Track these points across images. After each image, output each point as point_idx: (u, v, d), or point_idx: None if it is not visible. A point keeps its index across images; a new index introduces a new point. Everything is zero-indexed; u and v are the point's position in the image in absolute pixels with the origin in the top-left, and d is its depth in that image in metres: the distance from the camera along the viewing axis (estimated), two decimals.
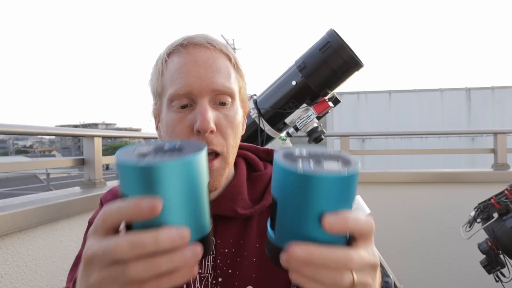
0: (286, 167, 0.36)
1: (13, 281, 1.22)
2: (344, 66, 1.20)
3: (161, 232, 0.35)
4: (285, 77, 1.29)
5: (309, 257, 0.37)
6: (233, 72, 0.73)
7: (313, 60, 1.22)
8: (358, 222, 0.39)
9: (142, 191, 0.35)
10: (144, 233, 0.35)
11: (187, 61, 0.69)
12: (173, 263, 0.35)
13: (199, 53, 0.70)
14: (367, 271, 0.42)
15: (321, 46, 1.20)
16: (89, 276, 0.39)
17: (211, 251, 0.39)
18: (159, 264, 0.35)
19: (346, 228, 0.38)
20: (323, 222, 0.36)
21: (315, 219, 0.37)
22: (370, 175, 2.46)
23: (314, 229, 0.37)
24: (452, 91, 10.33)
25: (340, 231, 0.37)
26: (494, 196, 1.73)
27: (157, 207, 0.34)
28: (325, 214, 0.36)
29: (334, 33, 1.19)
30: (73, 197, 1.49)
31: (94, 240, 0.39)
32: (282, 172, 0.37)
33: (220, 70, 0.69)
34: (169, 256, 0.35)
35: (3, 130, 1.28)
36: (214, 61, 0.70)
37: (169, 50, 0.72)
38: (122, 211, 0.36)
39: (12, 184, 11.07)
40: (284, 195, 0.38)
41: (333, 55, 1.19)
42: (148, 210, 0.34)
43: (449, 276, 2.34)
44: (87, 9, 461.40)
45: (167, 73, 0.71)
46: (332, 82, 1.24)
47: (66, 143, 63.76)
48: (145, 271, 0.35)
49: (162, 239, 0.34)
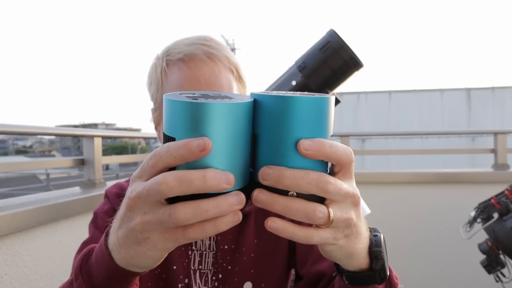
0: (264, 94, 0.37)
1: (13, 281, 1.22)
2: (344, 66, 1.20)
3: (208, 170, 0.34)
4: (285, 77, 1.29)
5: (280, 177, 0.35)
6: (235, 85, 0.74)
7: (313, 60, 1.22)
8: (335, 148, 0.37)
9: (191, 131, 0.34)
10: (191, 171, 0.34)
11: (189, 79, 0.69)
12: (219, 207, 0.34)
13: (201, 69, 0.69)
14: (348, 205, 0.39)
15: (321, 46, 1.20)
16: (132, 220, 0.37)
17: (247, 205, 0.38)
18: (206, 207, 0.34)
19: (323, 153, 0.36)
20: (298, 146, 0.35)
21: (292, 147, 0.36)
22: (370, 175, 2.46)
23: (292, 158, 0.36)
24: (452, 91, 10.34)
25: (316, 156, 0.36)
26: (494, 196, 1.74)
27: (208, 146, 0.33)
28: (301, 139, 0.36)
29: (334, 33, 1.19)
30: (73, 197, 1.49)
31: (139, 182, 0.37)
32: (262, 101, 0.37)
33: (223, 87, 0.70)
34: (215, 200, 0.34)
35: (3, 130, 1.28)
36: (216, 79, 0.70)
37: (168, 60, 0.72)
38: (172, 151, 0.34)
39: (12, 184, 11.08)
40: (263, 125, 0.37)
41: (333, 55, 1.19)
42: (199, 149, 0.33)
43: (449, 276, 2.34)
44: (87, 9, 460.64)
45: (167, 86, 0.71)
46: (332, 82, 1.24)
47: (66, 143, 63.80)
48: (192, 215, 0.34)
49: (209, 177, 0.33)
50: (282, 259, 0.74)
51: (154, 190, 0.35)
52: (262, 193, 0.36)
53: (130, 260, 0.40)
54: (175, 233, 0.36)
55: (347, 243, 0.41)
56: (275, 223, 0.37)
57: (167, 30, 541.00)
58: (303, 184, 0.35)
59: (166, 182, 0.34)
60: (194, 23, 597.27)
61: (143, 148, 30.47)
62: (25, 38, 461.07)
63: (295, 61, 1.28)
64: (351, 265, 0.46)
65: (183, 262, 0.71)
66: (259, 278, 0.72)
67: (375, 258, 0.46)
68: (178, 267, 0.70)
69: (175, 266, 0.70)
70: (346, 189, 0.38)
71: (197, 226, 0.35)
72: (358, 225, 0.41)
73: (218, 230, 0.35)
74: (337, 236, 0.39)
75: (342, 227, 0.39)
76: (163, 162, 0.35)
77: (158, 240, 0.37)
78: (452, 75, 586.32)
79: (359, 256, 0.44)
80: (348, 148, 0.38)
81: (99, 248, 0.45)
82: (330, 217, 0.37)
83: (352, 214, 0.39)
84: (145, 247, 0.38)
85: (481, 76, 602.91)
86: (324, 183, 0.36)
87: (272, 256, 0.73)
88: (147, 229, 0.37)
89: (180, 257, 0.71)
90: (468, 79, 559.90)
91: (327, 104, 0.37)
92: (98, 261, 0.45)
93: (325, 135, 0.37)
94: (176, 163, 0.35)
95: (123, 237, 0.39)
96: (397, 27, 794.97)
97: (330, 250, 0.42)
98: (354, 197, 0.39)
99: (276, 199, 0.36)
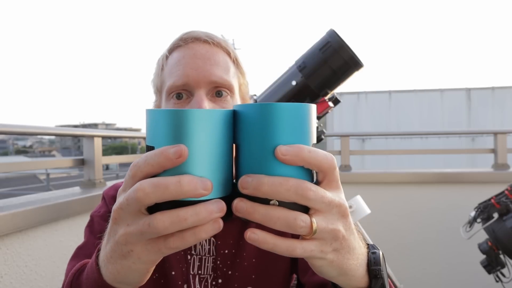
0: (244, 104, 0.37)
1: (13, 281, 1.22)
2: (344, 66, 1.20)
3: (183, 176, 0.34)
4: (285, 77, 1.29)
5: (258, 184, 0.34)
6: (233, 67, 0.73)
7: (313, 60, 1.22)
8: (315, 153, 0.36)
9: (169, 139, 0.35)
10: (167, 177, 0.34)
11: (186, 54, 0.69)
12: (197, 215, 0.34)
13: (198, 46, 0.70)
14: (334, 215, 0.37)
15: (321, 46, 1.20)
16: (116, 232, 0.38)
17: (232, 216, 0.37)
18: (184, 215, 0.34)
19: (301, 158, 0.35)
20: (276, 152, 0.35)
21: (272, 155, 0.35)
22: (370, 175, 2.46)
23: (272, 166, 0.35)
24: (452, 91, 10.34)
25: (294, 161, 0.35)
26: (494, 196, 1.74)
27: (184, 152, 0.33)
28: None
29: (334, 33, 1.19)
30: (73, 197, 1.49)
31: (122, 194, 0.37)
32: (242, 111, 0.37)
33: (219, 63, 0.69)
34: (194, 208, 0.34)
35: (3, 130, 1.28)
36: (212, 54, 0.70)
37: (170, 46, 0.73)
38: (149, 160, 0.35)
39: (12, 184, 11.08)
40: (243, 134, 0.37)
41: (333, 55, 1.19)
42: (176, 156, 0.33)
43: (449, 276, 2.34)
44: (87, 8, 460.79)
45: (167, 68, 0.72)
46: (332, 82, 1.23)
47: (66, 143, 63.78)
48: (170, 223, 0.34)
49: (184, 182, 0.33)
50: (284, 264, 0.72)
51: (132, 198, 0.35)
52: (242, 202, 0.36)
53: (117, 275, 0.40)
54: (157, 244, 0.36)
55: (338, 258, 0.39)
56: (254, 234, 0.36)
57: (167, 30, 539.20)
58: (282, 191, 0.34)
59: (142, 188, 0.34)
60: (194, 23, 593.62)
61: (143, 148, 30.45)
62: (25, 38, 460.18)
63: (295, 61, 1.28)
64: (348, 284, 0.43)
65: (181, 267, 0.69)
66: (260, 283, 0.70)
67: (374, 277, 0.44)
68: (177, 273, 0.69)
69: (174, 272, 0.69)
70: (330, 198, 0.37)
71: (177, 235, 0.35)
72: (348, 239, 0.39)
73: (198, 239, 0.35)
74: (324, 249, 0.38)
75: (328, 239, 0.37)
76: (142, 172, 0.35)
77: (141, 252, 0.37)
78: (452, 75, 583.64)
79: (355, 274, 0.42)
80: (330, 155, 0.37)
81: (90, 265, 0.45)
82: (313, 226, 0.36)
83: (339, 226, 0.38)
84: (130, 261, 0.38)
85: (481, 76, 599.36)
86: (303, 189, 0.35)
87: (273, 262, 0.71)
88: (130, 241, 0.37)
89: (178, 262, 0.70)
90: (468, 79, 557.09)
91: (307, 111, 0.37)
92: (88, 277, 0.45)
93: (306, 142, 0.37)
94: (154, 171, 0.35)
95: (110, 251, 0.40)
96: (397, 27, 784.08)
97: (320, 265, 0.40)
98: (340, 207, 0.37)
99: (257, 208, 0.35)
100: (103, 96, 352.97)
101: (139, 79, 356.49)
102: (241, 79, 0.75)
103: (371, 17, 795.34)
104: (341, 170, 2.53)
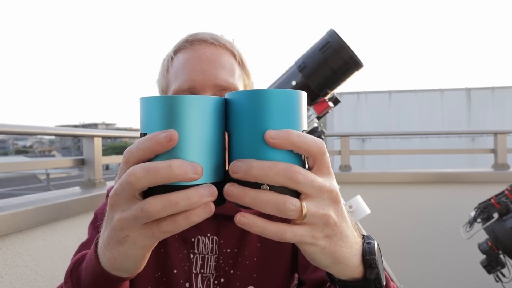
0: (235, 92, 0.38)
1: (13, 281, 1.22)
2: (344, 66, 1.21)
3: (174, 160, 0.35)
4: (285, 77, 1.29)
5: (248, 168, 0.35)
6: (238, 69, 0.73)
7: (313, 60, 1.22)
8: (304, 137, 0.36)
9: (161, 125, 0.36)
10: (158, 161, 0.35)
11: (191, 57, 0.70)
12: (189, 199, 0.34)
13: (204, 49, 0.70)
14: (325, 201, 0.37)
15: (321, 46, 1.20)
16: (113, 218, 0.39)
17: (225, 201, 0.38)
18: (176, 199, 0.34)
19: (290, 142, 0.35)
20: (265, 136, 0.35)
21: (262, 140, 0.36)
22: (370, 175, 2.46)
23: (262, 151, 0.36)
24: (452, 91, 10.34)
25: (283, 145, 0.35)
26: (494, 196, 1.74)
27: (174, 136, 0.34)
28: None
29: (334, 33, 1.19)
30: (73, 197, 1.49)
31: (117, 181, 0.38)
32: (233, 99, 0.38)
33: (224, 66, 0.70)
34: (185, 192, 0.35)
35: (3, 130, 1.28)
36: (217, 57, 0.70)
37: (176, 47, 0.74)
38: (141, 146, 0.35)
39: (12, 184, 11.08)
40: (235, 121, 0.38)
41: (333, 55, 1.19)
42: (166, 141, 0.34)
43: (449, 276, 2.34)
44: (88, 8, 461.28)
45: (172, 70, 0.72)
46: (332, 82, 1.23)
47: (66, 143, 63.76)
48: (162, 207, 0.34)
49: (174, 166, 0.34)
50: (286, 263, 0.72)
51: (125, 183, 0.35)
52: (233, 186, 0.36)
53: (114, 261, 0.41)
54: (151, 228, 0.37)
55: (330, 244, 0.39)
56: (244, 217, 0.36)
57: (167, 30, 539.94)
58: (271, 174, 0.35)
59: (134, 173, 0.35)
60: (194, 23, 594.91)
61: None
62: (26, 38, 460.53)
63: (295, 61, 1.29)
64: (342, 274, 0.43)
65: (184, 266, 0.70)
66: (262, 282, 0.70)
67: (369, 267, 0.43)
68: (179, 271, 0.69)
69: (176, 270, 0.69)
70: (320, 183, 0.37)
71: (169, 219, 0.36)
72: (340, 225, 0.39)
73: (191, 222, 0.36)
74: (316, 234, 0.37)
75: (320, 224, 0.37)
76: (134, 157, 0.36)
77: (136, 237, 0.38)
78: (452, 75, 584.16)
79: (349, 263, 0.42)
80: (319, 139, 0.37)
81: (90, 253, 0.46)
82: (303, 211, 0.36)
83: (331, 211, 0.38)
84: (126, 246, 0.39)
85: (481, 76, 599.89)
86: (292, 173, 0.35)
87: (275, 261, 0.72)
88: (125, 226, 0.37)
89: (181, 260, 0.70)
90: (468, 79, 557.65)
91: (297, 98, 0.37)
92: (87, 265, 0.46)
93: (296, 128, 0.37)
94: (146, 157, 0.36)
95: (107, 238, 0.40)
96: (397, 27, 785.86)
97: (311, 252, 0.39)
98: (331, 192, 0.37)
99: (247, 192, 0.36)
100: (103, 96, 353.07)
101: (139, 79, 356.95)
102: (246, 80, 0.76)
103: (371, 17, 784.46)
104: (341, 170, 2.53)
